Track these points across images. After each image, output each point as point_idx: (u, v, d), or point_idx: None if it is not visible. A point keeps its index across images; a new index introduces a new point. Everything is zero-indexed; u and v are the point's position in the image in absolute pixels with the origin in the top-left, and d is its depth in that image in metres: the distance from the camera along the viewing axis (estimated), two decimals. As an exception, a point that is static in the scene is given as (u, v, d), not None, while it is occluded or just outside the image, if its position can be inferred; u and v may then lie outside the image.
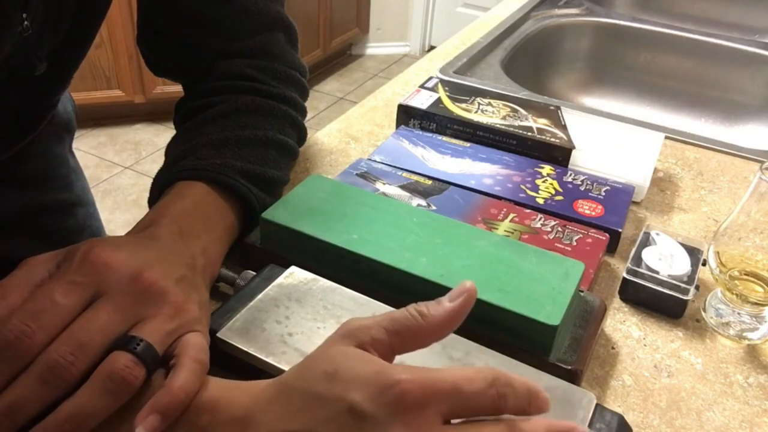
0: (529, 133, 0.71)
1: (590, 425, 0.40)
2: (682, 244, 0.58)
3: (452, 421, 0.32)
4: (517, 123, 0.73)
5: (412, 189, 0.63)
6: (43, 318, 0.36)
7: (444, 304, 0.35)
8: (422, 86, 0.80)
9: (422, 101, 0.76)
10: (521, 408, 0.33)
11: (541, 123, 0.73)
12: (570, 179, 0.66)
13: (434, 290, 0.47)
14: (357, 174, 0.65)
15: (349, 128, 0.81)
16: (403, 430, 0.30)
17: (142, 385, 0.36)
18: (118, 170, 2.49)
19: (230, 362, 0.43)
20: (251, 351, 0.43)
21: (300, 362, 0.36)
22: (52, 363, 0.35)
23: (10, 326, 0.35)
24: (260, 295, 0.47)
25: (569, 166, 0.69)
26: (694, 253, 0.57)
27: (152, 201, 0.55)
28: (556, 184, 0.65)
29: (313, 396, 0.33)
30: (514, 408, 0.33)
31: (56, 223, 0.74)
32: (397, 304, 0.39)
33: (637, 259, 0.56)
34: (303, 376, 0.34)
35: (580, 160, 0.70)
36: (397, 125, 0.77)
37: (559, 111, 0.76)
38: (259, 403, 0.35)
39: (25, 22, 0.48)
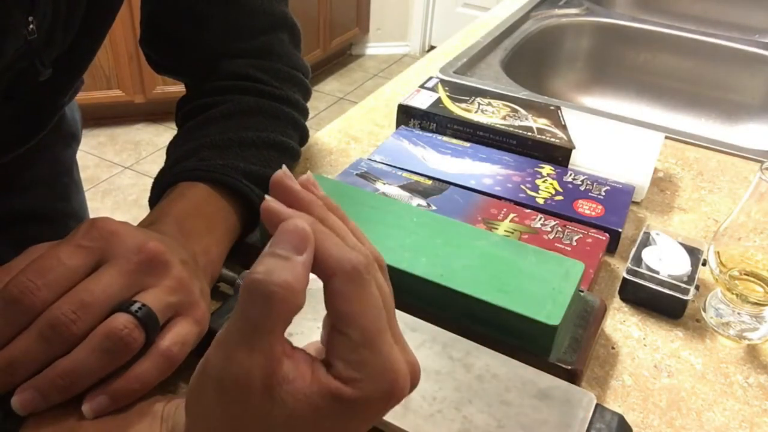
0: (529, 133, 0.71)
1: (590, 425, 0.40)
2: (682, 244, 0.58)
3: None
4: (517, 123, 0.73)
5: (412, 189, 0.63)
6: (48, 276, 0.35)
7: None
8: (422, 86, 0.80)
9: (422, 101, 0.76)
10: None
11: (541, 123, 0.73)
12: (570, 179, 0.66)
13: (434, 290, 0.47)
14: (357, 174, 0.65)
15: (349, 128, 0.81)
16: None
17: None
18: (118, 170, 2.49)
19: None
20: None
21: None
22: (53, 320, 0.34)
23: (15, 282, 0.35)
24: (260, 295, 0.47)
25: (569, 166, 0.69)
26: (694, 253, 0.57)
27: (153, 201, 0.54)
28: (556, 184, 0.65)
29: None
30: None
31: (45, 232, 0.73)
32: (397, 304, 0.39)
33: (637, 259, 0.56)
34: None
35: (580, 160, 0.70)
36: (397, 125, 0.77)
37: (559, 111, 0.76)
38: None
39: (31, 26, 0.48)
